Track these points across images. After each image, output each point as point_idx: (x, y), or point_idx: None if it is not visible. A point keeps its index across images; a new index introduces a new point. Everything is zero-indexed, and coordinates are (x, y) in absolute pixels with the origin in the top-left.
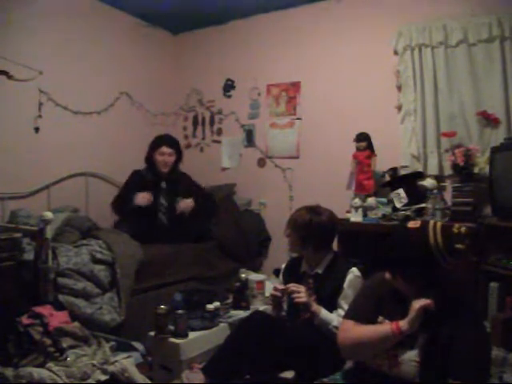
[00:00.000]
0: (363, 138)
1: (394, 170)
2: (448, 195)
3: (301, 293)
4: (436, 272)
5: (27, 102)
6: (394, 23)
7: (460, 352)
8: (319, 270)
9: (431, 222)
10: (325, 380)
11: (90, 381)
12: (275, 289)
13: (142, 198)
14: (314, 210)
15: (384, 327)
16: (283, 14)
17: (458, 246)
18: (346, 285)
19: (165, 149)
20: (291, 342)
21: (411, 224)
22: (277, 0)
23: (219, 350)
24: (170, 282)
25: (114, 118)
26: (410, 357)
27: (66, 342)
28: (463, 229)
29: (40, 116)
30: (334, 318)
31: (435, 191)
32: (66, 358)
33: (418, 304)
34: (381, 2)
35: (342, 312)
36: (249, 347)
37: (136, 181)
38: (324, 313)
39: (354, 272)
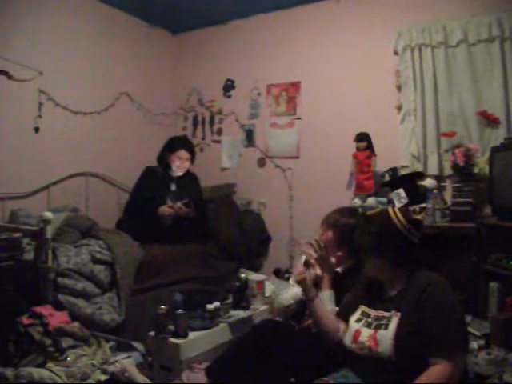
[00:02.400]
0: (363, 138)
1: (393, 169)
2: (448, 195)
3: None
4: (406, 247)
5: (27, 102)
6: (394, 23)
7: (432, 327)
8: (340, 269)
9: (389, 208)
10: (325, 379)
11: (89, 381)
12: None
13: (168, 211)
14: (355, 213)
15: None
16: (283, 14)
17: (416, 217)
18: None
19: (183, 153)
20: (293, 357)
21: (369, 212)
22: (277, 0)
23: (225, 352)
24: (170, 282)
25: (114, 117)
26: (386, 336)
27: (66, 342)
28: (417, 207)
29: (40, 116)
30: (330, 306)
31: (435, 191)
32: (65, 358)
33: None
34: (381, 2)
35: None
36: (253, 357)
37: (150, 179)
38: (327, 293)
39: None
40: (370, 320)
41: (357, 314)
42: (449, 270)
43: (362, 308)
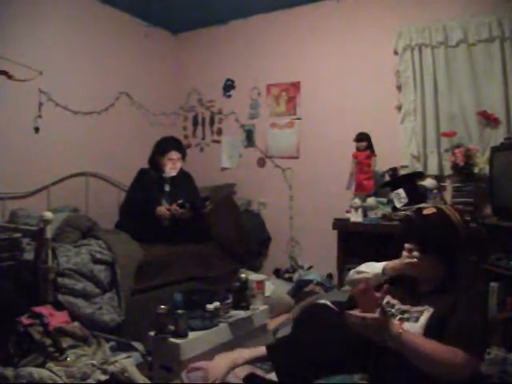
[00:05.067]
0: (363, 138)
1: (393, 169)
2: (448, 195)
3: None
4: (461, 248)
5: (27, 101)
6: (394, 23)
7: (456, 323)
8: None
9: (443, 206)
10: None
11: (89, 381)
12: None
13: (165, 213)
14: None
15: None
16: (283, 14)
17: (467, 218)
18: None
19: (174, 154)
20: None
21: (427, 211)
22: (277, 0)
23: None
24: (170, 281)
25: (114, 118)
26: (415, 329)
27: (66, 342)
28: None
29: (40, 116)
30: None
31: (435, 191)
32: (66, 358)
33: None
34: (381, 3)
35: None
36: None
37: (145, 181)
38: None
39: None
40: (393, 311)
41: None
42: None
43: (387, 298)
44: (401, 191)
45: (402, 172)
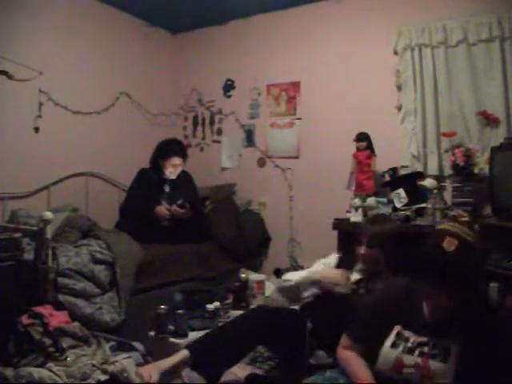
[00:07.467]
0: (363, 138)
1: (393, 169)
2: (448, 195)
3: None
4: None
5: (27, 101)
6: (394, 23)
7: (487, 370)
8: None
9: (461, 231)
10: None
11: (89, 381)
12: None
13: (164, 213)
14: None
15: (360, 375)
16: (283, 14)
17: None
18: None
19: (176, 160)
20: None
21: (448, 244)
22: (277, 0)
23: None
24: (170, 281)
25: (114, 117)
26: (444, 369)
27: (65, 342)
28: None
29: (40, 116)
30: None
31: (435, 191)
32: (65, 358)
33: None
34: (381, 2)
35: None
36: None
37: (145, 181)
38: None
39: None
40: (410, 345)
41: (391, 337)
42: None
43: (398, 329)
44: (401, 191)
45: (402, 172)
